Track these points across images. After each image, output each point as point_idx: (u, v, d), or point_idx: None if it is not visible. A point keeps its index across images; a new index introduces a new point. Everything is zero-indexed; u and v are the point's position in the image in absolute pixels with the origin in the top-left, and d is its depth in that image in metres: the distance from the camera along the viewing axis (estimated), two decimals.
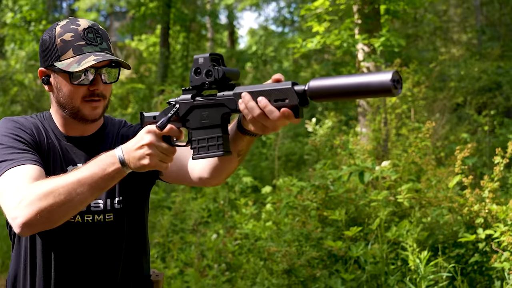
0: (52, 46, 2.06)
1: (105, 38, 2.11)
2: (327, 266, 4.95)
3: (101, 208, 2.14)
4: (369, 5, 7.67)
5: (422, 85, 7.65)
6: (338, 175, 5.22)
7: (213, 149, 1.80)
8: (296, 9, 27.98)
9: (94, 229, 2.14)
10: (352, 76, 1.56)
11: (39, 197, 1.80)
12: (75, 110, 2.10)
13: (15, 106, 13.87)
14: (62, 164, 2.15)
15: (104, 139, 2.24)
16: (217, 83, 1.78)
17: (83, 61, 2.00)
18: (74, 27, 2.06)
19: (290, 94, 1.64)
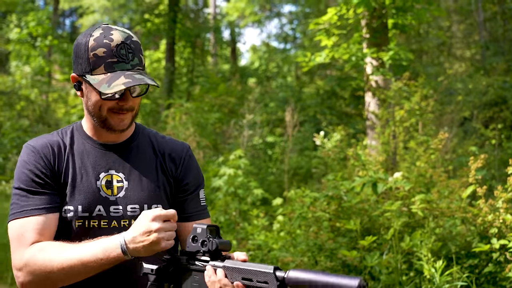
0: (85, 57, 2.10)
1: (137, 52, 2.13)
2: None
3: (138, 213, 2.16)
4: (377, 19, 7.74)
5: (430, 98, 7.70)
6: (351, 186, 5.25)
7: None
8: (298, 25, 28.13)
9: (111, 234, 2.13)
10: (327, 275, 1.75)
11: (41, 270, 2.00)
12: (103, 119, 2.15)
13: (22, 120, 13.95)
14: (94, 172, 2.18)
15: (138, 145, 2.29)
16: (210, 253, 1.98)
17: (113, 83, 2.04)
18: (107, 42, 2.08)
19: (271, 279, 1.83)
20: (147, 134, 2.35)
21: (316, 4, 23.73)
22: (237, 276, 1.88)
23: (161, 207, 2.20)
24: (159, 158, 2.29)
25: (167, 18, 17.26)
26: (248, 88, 18.76)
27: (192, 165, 2.34)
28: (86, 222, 2.13)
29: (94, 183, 2.17)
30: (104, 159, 2.21)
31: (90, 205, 2.14)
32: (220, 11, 30.39)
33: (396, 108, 7.35)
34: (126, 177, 2.20)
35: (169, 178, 2.27)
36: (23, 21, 17.43)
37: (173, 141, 2.39)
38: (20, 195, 2.12)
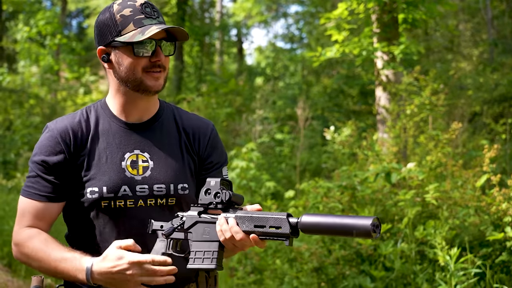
0: (112, 22, 2.14)
1: (160, 14, 2.20)
2: (354, 266, 5.00)
3: (164, 192, 2.20)
4: (388, 14, 7.76)
5: (441, 93, 7.72)
6: (364, 176, 5.28)
7: (207, 262, 2.03)
8: (305, 25, 28.13)
9: (156, 212, 2.19)
10: (340, 217, 1.79)
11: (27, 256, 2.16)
12: (138, 82, 2.16)
13: (33, 118, 14.04)
14: (119, 151, 2.21)
15: (162, 124, 2.29)
16: (223, 204, 2.01)
17: (146, 31, 2.08)
18: (132, 2, 2.14)
19: (284, 223, 1.86)
20: (171, 110, 2.36)
21: (323, 3, 23.75)
22: (249, 224, 1.91)
23: (187, 185, 2.23)
24: (183, 136, 2.30)
25: (176, 17, 17.32)
26: (255, 87, 18.80)
27: (217, 143, 2.36)
28: (112, 202, 2.16)
29: (119, 164, 2.19)
30: (129, 139, 2.23)
31: (115, 186, 2.16)
32: (226, 12, 30.44)
33: (407, 103, 7.38)
34: (151, 157, 2.22)
35: (193, 156, 2.30)
36: (32, 20, 17.52)
37: (197, 118, 2.40)
38: (31, 175, 2.22)
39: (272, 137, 11.83)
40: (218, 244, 2.00)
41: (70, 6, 32.92)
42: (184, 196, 2.22)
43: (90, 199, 2.15)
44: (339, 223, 1.76)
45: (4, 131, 14.24)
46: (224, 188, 2.01)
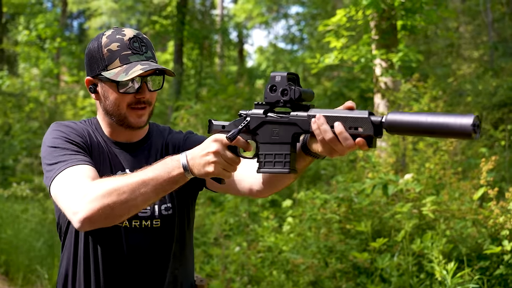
0: (99, 56, 2.13)
1: (150, 47, 2.18)
2: (351, 279, 4.97)
3: (149, 214, 2.19)
4: (387, 21, 7.74)
5: (440, 100, 7.69)
6: (361, 187, 5.26)
7: (279, 166, 1.84)
8: (306, 26, 28.13)
9: (141, 234, 2.18)
10: (433, 115, 1.59)
11: (102, 194, 1.87)
12: (122, 117, 2.16)
13: (32, 122, 14.03)
14: (112, 168, 2.20)
15: (151, 145, 2.30)
16: (291, 103, 1.81)
17: (130, 71, 2.07)
18: (120, 37, 2.13)
19: (366, 123, 1.67)
20: (160, 131, 2.36)
21: (323, 5, 23.74)
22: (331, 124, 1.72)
23: (171, 206, 2.22)
24: (165, 152, 2.28)
25: (175, 20, 17.30)
26: (256, 90, 18.78)
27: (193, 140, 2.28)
28: None
29: None
30: (119, 158, 2.24)
31: None
32: (227, 13, 30.44)
33: (405, 110, 7.35)
34: None
35: None
36: (32, 23, 17.51)
37: (177, 132, 2.38)
38: (61, 155, 2.05)
39: None
40: (290, 146, 1.83)
41: (71, 7, 32.97)
42: (168, 216, 2.21)
43: None
44: (434, 122, 1.56)
45: (3, 135, 14.24)
46: (291, 84, 1.82)
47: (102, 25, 34.85)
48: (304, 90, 1.82)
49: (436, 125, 1.56)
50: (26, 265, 7.18)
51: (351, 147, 1.70)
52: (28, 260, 7.21)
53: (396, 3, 7.54)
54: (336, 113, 1.73)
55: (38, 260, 7.10)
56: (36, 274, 6.96)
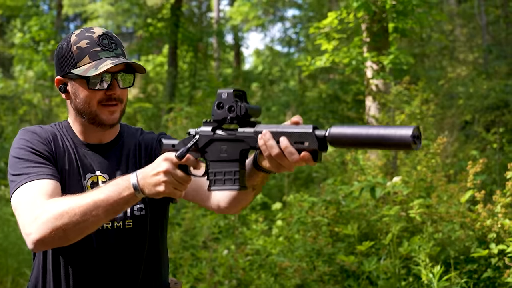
0: (68, 54, 2.12)
1: (119, 45, 2.17)
2: (338, 282, 4.95)
3: (121, 215, 2.16)
4: (378, 23, 7.73)
5: (431, 102, 7.68)
6: (349, 190, 5.24)
7: (229, 183, 1.85)
8: (302, 29, 28.16)
9: (113, 235, 2.16)
10: (373, 127, 1.61)
11: (54, 216, 1.86)
12: (93, 115, 2.14)
13: (24, 124, 13.98)
14: (80, 171, 2.18)
15: (123, 145, 2.28)
16: (238, 119, 1.83)
17: (100, 66, 2.06)
18: (89, 34, 2.12)
19: (310, 138, 1.69)
20: (132, 133, 2.35)
21: (319, 8, 23.76)
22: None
23: (143, 206, 2.20)
24: (138, 153, 2.28)
25: (169, 23, 17.29)
26: (251, 93, 18.77)
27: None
28: None
29: (79, 184, 2.16)
30: (90, 160, 2.21)
31: None
32: (223, 15, 30.43)
33: (397, 112, 7.34)
34: (110, 178, 2.18)
35: None
36: (26, 26, 17.50)
37: (148, 133, 2.37)
38: (24, 167, 2.04)
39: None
40: (238, 163, 1.84)
41: (67, 10, 32.96)
42: (141, 217, 2.19)
43: None
44: (374, 134, 1.59)
45: None
46: (238, 100, 1.83)
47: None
48: (251, 107, 1.83)
49: (376, 137, 1.59)
50: (15, 268, 7.15)
51: (297, 161, 1.70)
52: (17, 263, 7.18)
53: (388, 6, 7.54)
54: (282, 129, 1.74)
55: (27, 263, 7.08)
56: (25, 278, 6.94)
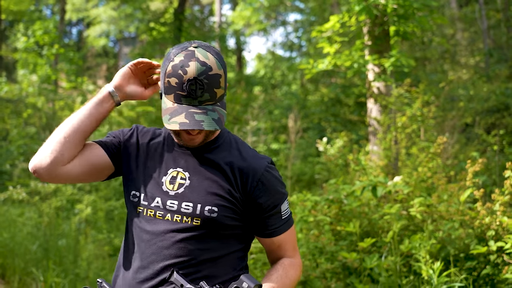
0: (163, 79, 2.24)
1: (210, 87, 2.18)
2: (340, 279, 5.04)
3: (190, 211, 2.27)
4: (379, 27, 7.83)
5: (432, 104, 7.78)
6: (351, 189, 5.34)
7: None
8: (304, 33, 28.26)
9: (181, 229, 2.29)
10: None
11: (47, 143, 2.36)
12: (176, 132, 2.33)
13: (29, 128, 14.10)
14: (165, 166, 2.38)
15: (214, 151, 2.39)
16: None
17: (173, 118, 2.17)
18: (181, 73, 2.17)
19: None
20: (230, 143, 2.44)
21: (321, 13, 23.87)
22: None
23: (216, 210, 2.27)
24: (229, 172, 2.34)
25: (172, 27, 17.41)
26: (253, 96, 18.87)
27: (269, 187, 2.34)
28: (145, 210, 2.33)
29: (160, 176, 2.35)
30: (177, 157, 2.38)
31: (150, 196, 2.32)
32: (225, 20, 30.55)
33: (398, 115, 7.43)
34: (190, 176, 2.33)
35: (236, 189, 2.32)
36: (30, 30, 17.63)
37: (252, 157, 2.39)
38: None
39: (268, 147, 11.89)
40: None
41: (70, 15, 33.08)
42: (210, 219, 2.27)
43: (131, 201, 2.38)
44: None
45: (0, 141, 14.32)
46: None
47: (101, 33, 34.98)
48: None
49: None
50: (22, 268, 7.25)
51: None
52: (24, 263, 7.28)
53: (389, 10, 7.64)
54: None
55: (34, 263, 7.17)
56: (31, 277, 7.04)
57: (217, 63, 2.20)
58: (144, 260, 2.29)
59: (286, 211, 2.40)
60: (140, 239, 2.33)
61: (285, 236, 2.42)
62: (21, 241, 7.67)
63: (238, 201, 2.30)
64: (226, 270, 2.34)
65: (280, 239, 2.41)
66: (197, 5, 33.53)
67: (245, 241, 2.43)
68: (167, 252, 2.27)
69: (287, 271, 2.38)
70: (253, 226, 2.38)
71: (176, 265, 2.25)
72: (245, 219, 2.35)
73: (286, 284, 2.34)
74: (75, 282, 6.38)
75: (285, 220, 2.39)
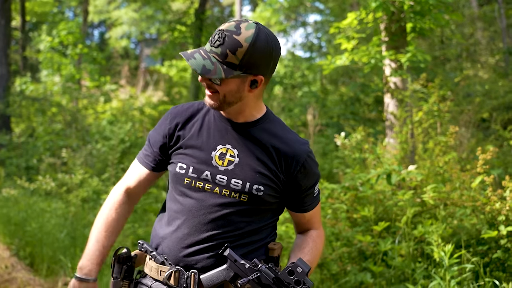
0: None
1: (224, 46, 2.33)
2: (356, 262, 5.24)
3: (239, 188, 2.45)
4: (396, 23, 7.99)
5: (448, 99, 7.92)
6: (366, 178, 5.53)
7: None
8: (324, 34, 28.36)
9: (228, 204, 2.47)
10: None
11: (95, 222, 2.71)
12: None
13: (55, 124, 14.45)
14: (214, 141, 2.52)
15: (260, 130, 2.53)
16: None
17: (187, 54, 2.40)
18: (221, 24, 2.46)
19: None
20: (274, 123, 2.58)
21: (341, 13, 23.99)
22: None
23: (263, 188, 2.44)
24: (274, 153, 2.49)
25: (193, 27, 17.67)
26: (273, 96, 19.05)
27: (309, 171, 2.53)
28: (193, 182, 2.48)
29: (210, 152, 2.49)
30: (226, 134, 2.52)
31: (199, 169, 2.48)
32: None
33: (414, 110, 7.59)
34: (239, 154, 2.47)
35: (280, 171, 2.49)
36: (54, 31, 17.99)
37: (294, 141, 2.54)
38: (145, 145, 2.70)
39: None
40: None
41: (92, 17, 33.53)
42: (256, 196, 2.45)
43: (178, 173, 2.52)
44: None
45: (27, 137, 14.71)
46: (305, 282, 2.26)
47: (122, 34, 35.39)
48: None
49: None
50: (50, 256, 7.49)
51: None
52: (52, 251, 7.52)
53: (405, 7, 7.80)
54: None
55: (62, 251, 7.41)
56: (59, 265, 7.28)
57: (249, 38, 2.32)
58: (192, 228, 2.47)
59: (317, 189, 2.63)
60: (188, 208, 2.49)
61: (314, 211, 2.65)
62: (49, 231, 7.93)
63: (281, 181, 2.49)
64: (262, 236, 2.55)
65: (310, 214, 2.64)
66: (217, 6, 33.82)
67: (279, 213, 2.65)
68: (213, 223, 2.46)
69: (316, 243, 2.63)
70: (289, 202, 2.59)
71: (221, 235, 2.46)
72: (283, 197, 2.55)
73: (315, 255, 2.58)
74: (102, 268, 6.62)
75: (316, 197, 2.63)
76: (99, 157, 10.68)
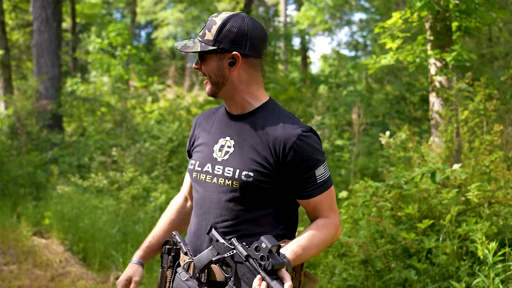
0: None
1: (207, 28, 2.61)
2: (400, 259, 5.32)
3: (231, 175, 2.62)
4: (441, 22, 8.00)
5: (494, 98, 7.89)
6: (411, 176, 5.60)
7: None
8: (369, 33, 28.25)
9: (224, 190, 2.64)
10: None
11: None
12: None
13: (105, 124, 14.83)
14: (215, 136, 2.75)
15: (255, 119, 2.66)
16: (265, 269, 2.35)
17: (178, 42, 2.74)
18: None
19: None
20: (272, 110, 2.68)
21: (386, 11, 23.87)
22: None
23: (252, 175, 2.56)
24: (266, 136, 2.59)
25: None
26: (318, 95, 19.11)
27: (302, 154, 2.54)
28: (198, 175, 2.73)
29: (212, 146, 2.72)
30: (226, 127, 2.72)
31: (203, 163, 2.72)
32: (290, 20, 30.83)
33: (460, 109, 7.59)
34: (235, 144, 2.65)
35: (271, 155, 2.57)
36: (104, 32, 18.40)
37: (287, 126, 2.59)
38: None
39: (332, 143, 12.16)
40: None
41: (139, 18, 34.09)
42: (247, 182, 2.56)
43: (189, 169, 2.80)
44: None
45: (79, 137, 15.14)
46: (270, 256, 2.32)
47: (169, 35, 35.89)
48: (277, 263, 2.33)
49: None
50: (102, 251, 7.77)
51: None
52: (104, 246, 7.80)
53: (451, 5, 7.80)
54: None
55: (113, 246, 7.68)
56: (111, 259, 7.54)
57: (224, 17, 2.59)
58: (199, 218, 2.73)
59: (322, 175, 2.59)
60: (196, 200, 2.75)
61: (320, 198, 2.61)
62: (101, 227, 8.21)
63: (273, 166, 2.55)
64: (264, 229, 2.61)
65: (315, 201, 2.62)
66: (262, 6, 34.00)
67: (283, 202, 2.66)
68: (214, 211, 2.67)
69: (320, 230, 2.60)
70: (289, 189, 2.63)
71: (221, 223, 2.64)
72: (280, 183, 2.60)
73: (314, 242, 2.56)
74: (152, 263, 6.84)
75: (320, 183, 2.59)
76: (147, 156, 10.95)
